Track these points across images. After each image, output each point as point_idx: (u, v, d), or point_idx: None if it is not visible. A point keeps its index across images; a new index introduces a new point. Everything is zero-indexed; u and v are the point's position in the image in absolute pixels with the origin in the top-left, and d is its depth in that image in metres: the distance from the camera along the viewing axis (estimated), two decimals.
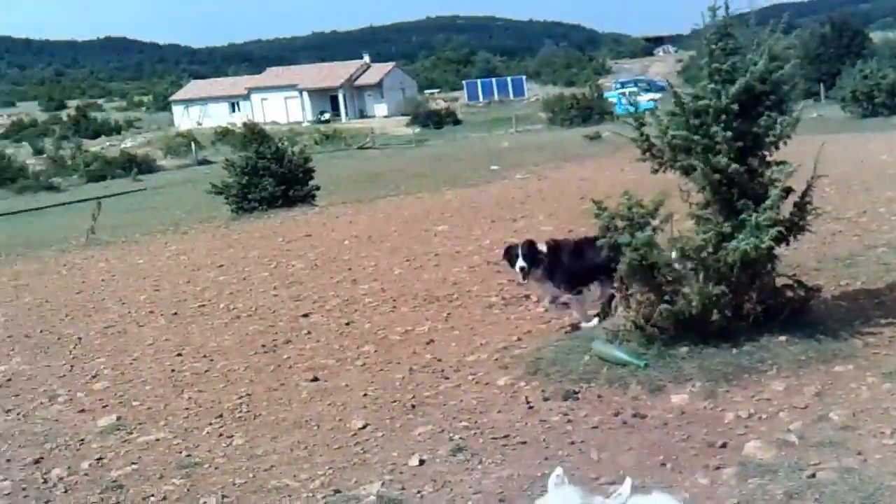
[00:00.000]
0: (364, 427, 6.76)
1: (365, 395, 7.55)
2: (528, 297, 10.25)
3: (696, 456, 5.63)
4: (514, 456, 5.91)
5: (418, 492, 5.53)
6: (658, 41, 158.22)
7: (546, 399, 6.86)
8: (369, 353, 8.82)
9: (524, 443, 6.10)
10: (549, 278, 8.73)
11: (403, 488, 5.60)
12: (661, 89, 68.74)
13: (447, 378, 7.76)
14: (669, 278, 7.24)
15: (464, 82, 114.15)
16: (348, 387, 7.85)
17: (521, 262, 8.56)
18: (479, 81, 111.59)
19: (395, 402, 7.28)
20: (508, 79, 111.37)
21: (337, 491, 5.66)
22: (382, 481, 5.71)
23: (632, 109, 8.05)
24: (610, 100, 64.62)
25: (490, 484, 5.52)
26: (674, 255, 7.25)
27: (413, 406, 7.12)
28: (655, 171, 7.68)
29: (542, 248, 8.72)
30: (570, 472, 5.47)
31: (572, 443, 6.02)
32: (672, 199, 7.41)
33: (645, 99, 64.66)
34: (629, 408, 6.49)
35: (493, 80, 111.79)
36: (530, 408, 6.73)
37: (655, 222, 7.15)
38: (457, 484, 5.57)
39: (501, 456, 5.93)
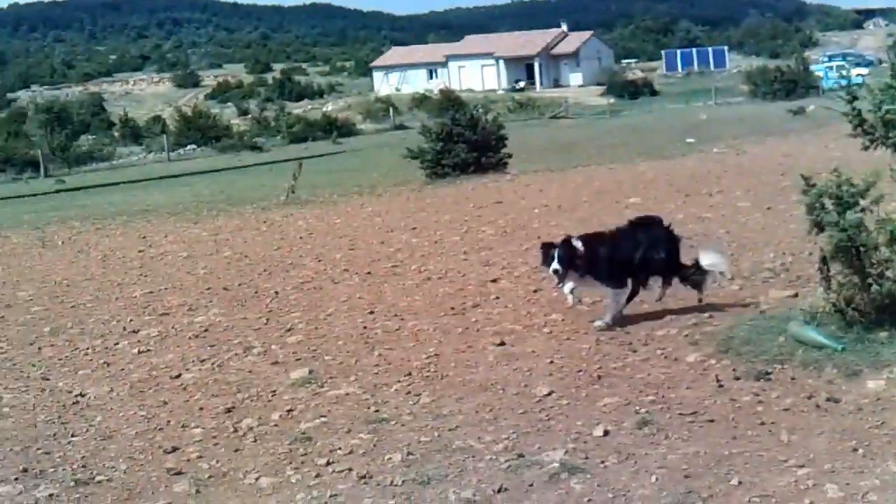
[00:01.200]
0: (549, 394, 6.74)
1: (551, 362, 7.54)
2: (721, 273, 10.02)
3: (890, 443, 5.39)
4: (701, 433, 5.79)
5: (601, 462, 5.48)
6: (868, 14, 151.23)
7: (737, 378, 6.69)
8: (556, 322, 8.78)
9: (712, 421, 5.97)
10: (588, 275, 8.41)
11: (587, 458, 5.56)
12: (869, 64, 65.82)
13: (635, 351, 7.65)
14: (875, 261, 6.93)
15: (662, 52, 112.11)
16: (534, 353, 7.85)
17: (555, 265, 8.24)
18: (678, 51, 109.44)
19: (580, 371, 7.24)
20: (709, 49, 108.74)
21: (520, 455, 5.67)
22: (566, 449, 5.69)
23: (843, 83, 7.71)
24: (816, 73, 62.27)
25: (675, 459, 5.42)
26: (881, 238, 6.92)
27: (599, 377, 7.06)
28: (866, 148, 7.35)
29: (579, 245, 8.36)
30: (758, 454, 5.39)
31: (762, 423, 5.85)
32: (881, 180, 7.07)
33: (854, 73, 62.11)
34: (823, 391, 6.25)
35: (694, 50, 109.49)
36: (720, 386, 6.57)
37: (865, 202, 6.83)
38: (641, 457, 5.50)
39: (688, 433, 5.81)
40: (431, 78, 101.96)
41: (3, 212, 26.73)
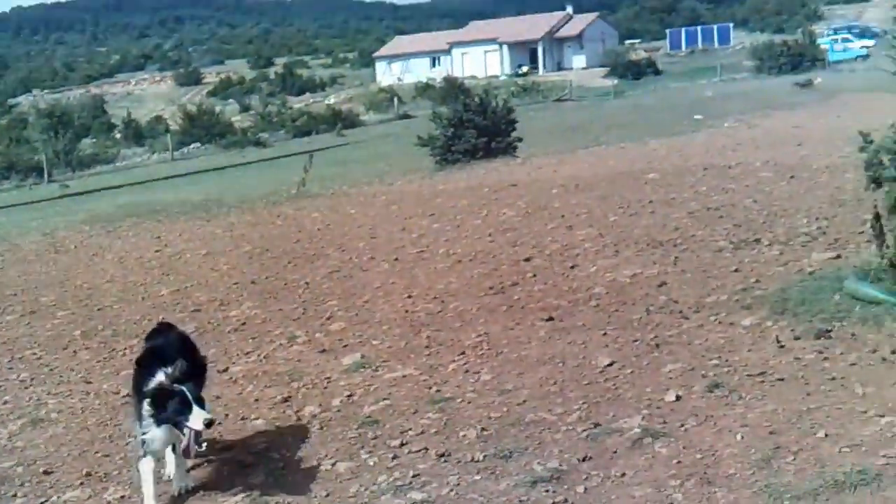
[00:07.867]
0: (611, 364, 6.71)
1: (604, 334, 7.50)
2: (759, 240, 9.99)
3: None
4: (774, 392, 5.77)
5: (681, 425, 5.46)
6: None
7: (797, 338, 6.67)
8: (600, 295, 8.73)
9: (782, 379, 5.96)
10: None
11: (665, 422, 5.54)
12: (874, 36, 66.23)
13: (687, 318, 7.61)
14: None
15: (667, 31, 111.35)
16: (585, 326, 7.81)
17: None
18: (682, 30, 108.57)
19: (636, 340, 7.21)
20: (714, 26, 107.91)
21: (596, 424, 5.65)
22: (642, 415, 5.67)
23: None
24: (822, 46, 63.19)
25: (755, 418, 5.41)
26: None
27: (657, 345, 7.03)
28: None
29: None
30: (836, 407, 5.36)
31: (833, 378, 5.85)
32: None
33: (857, 46, 63.10)
34: (886, 345, 6.26)
35: (698, 28, 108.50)
36: (781, 346, 6.56)
37: None
38: (720, 418, 5.48)
39: (761, 392, 5.80)
40: (434, 66, 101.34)
41: (10, 220, 26.40)
